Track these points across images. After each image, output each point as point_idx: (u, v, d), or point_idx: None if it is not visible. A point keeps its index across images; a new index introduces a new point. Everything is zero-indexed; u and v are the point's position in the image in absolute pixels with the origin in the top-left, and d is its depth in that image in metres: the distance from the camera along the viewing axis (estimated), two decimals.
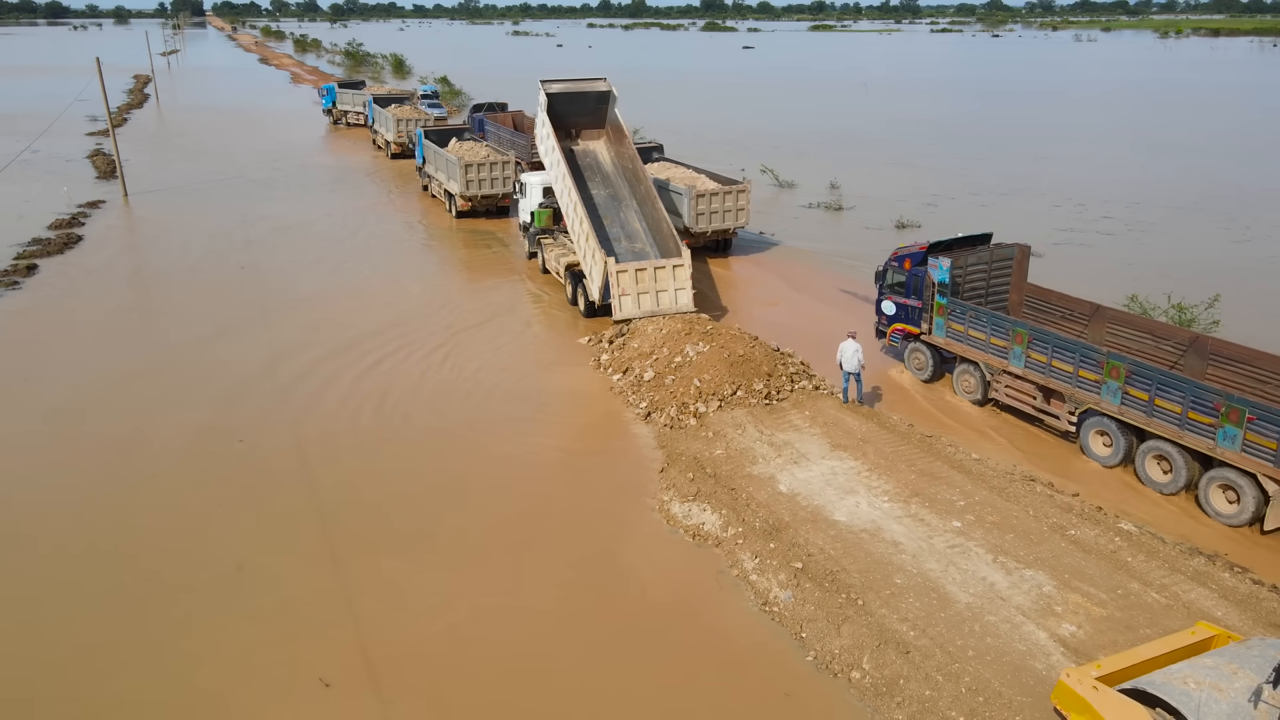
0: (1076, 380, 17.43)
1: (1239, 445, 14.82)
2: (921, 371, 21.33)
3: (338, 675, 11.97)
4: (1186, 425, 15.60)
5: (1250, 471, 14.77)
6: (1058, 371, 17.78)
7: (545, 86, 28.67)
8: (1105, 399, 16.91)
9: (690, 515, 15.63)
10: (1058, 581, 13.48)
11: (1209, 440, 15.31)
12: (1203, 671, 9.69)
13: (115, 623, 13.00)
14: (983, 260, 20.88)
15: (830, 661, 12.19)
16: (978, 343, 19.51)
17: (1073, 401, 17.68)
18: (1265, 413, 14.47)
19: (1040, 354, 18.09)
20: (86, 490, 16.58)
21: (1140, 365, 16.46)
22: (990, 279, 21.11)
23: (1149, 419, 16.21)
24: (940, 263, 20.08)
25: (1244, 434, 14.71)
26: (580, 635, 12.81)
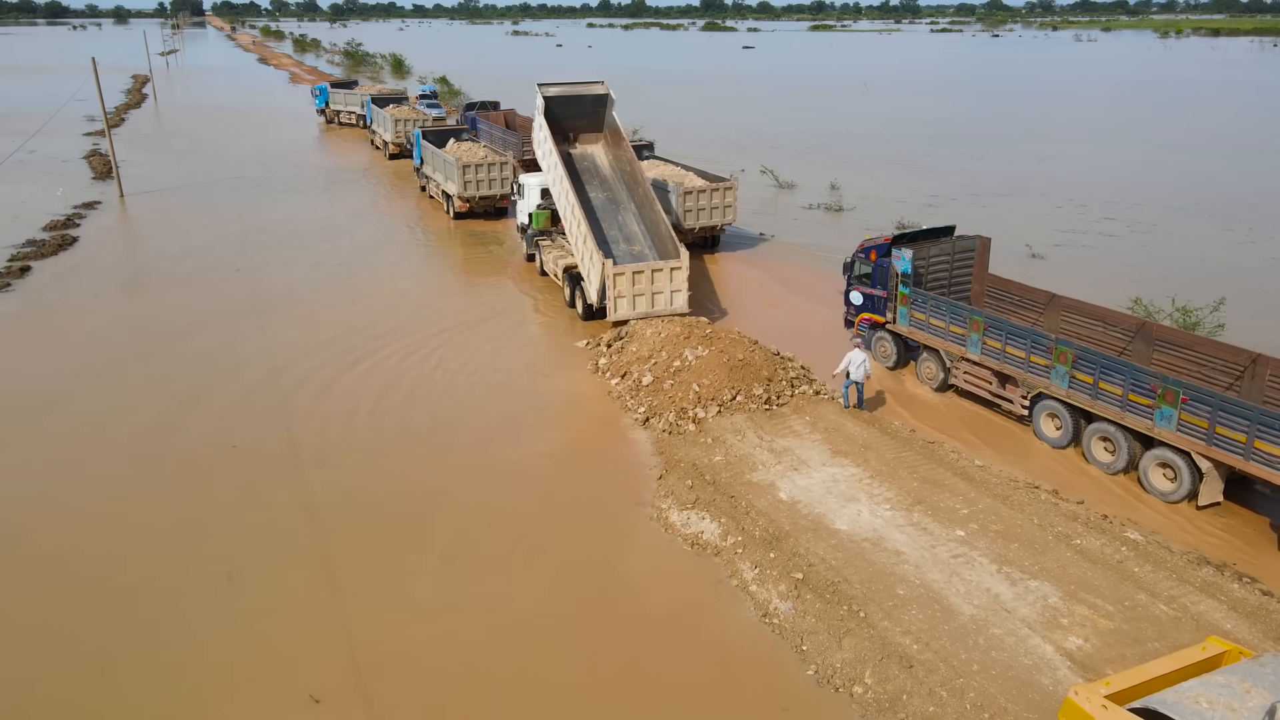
0: (1028, 366, 18.17)
1: (1175, 425, 15.60)
2: (887, 360, 22.09)
3: (328, 691, 11.71)
4: (1128, 407, 16.35)
5: (1185, 450, 15.48)
6: (1011, 357, 18.52)
7: (542, 90, 28.46)
8: (1054, 383, 17.63)
9: (689, 523, 15.36)
10: (1064, 592, 13.22)
11: (1148, 421, 16.05)
12: (1215, 690, 9.42)
13: (102, 634, 12.74)
14: (945, 252, 21.50)
15: (832, 675, 11.92)
16: (938, 331, 20.25)
17: (1025, 386, 18.42)
18: (1197, 394, 15.27)
19: (995, 341, 18.81)
20: (75, 495, 16.31)
21: (1085, 350, 17.18)
22: (953, 270, 21.77)
23: (1094, 401, 16.95)
24: (903, 254, 20.75)
25: (1179, 414, 15.48)
26: (576, 646, 12.54)
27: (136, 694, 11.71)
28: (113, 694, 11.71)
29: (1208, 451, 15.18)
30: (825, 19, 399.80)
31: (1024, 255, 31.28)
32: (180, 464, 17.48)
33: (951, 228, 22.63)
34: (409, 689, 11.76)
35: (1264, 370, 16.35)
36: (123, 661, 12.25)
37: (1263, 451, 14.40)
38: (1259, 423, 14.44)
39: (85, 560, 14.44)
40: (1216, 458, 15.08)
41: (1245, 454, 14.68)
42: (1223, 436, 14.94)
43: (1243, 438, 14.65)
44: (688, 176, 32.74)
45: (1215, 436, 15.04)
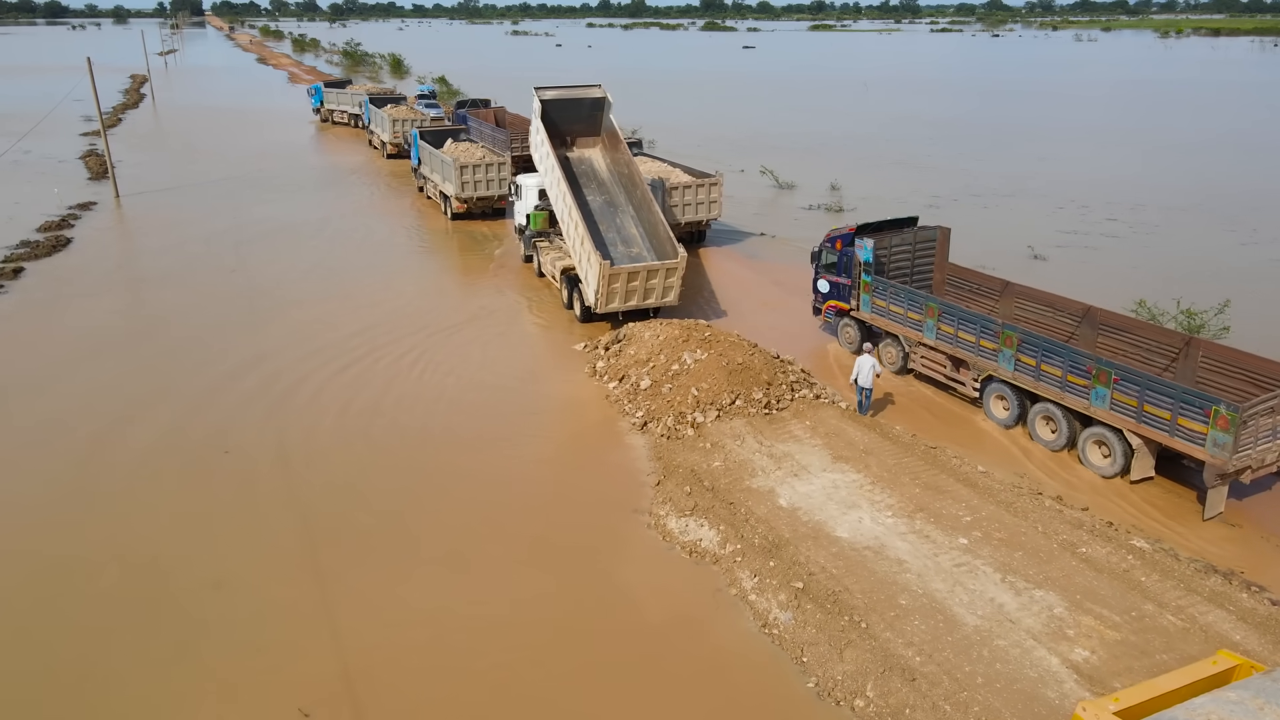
0: (978, 349, 19.00)
1: (1108, 404, 16.39)
2: (851, 345, 22.95)
3: (318, 702, 11.44)
4: (1067, 387, 17.17)
5: (1118, 427, 16.30)
6: (963, 342, 19.37)
7: (539, 93, 28.30)
8: (1002, 365, 18.46)
9: (687, 530, 15.09)
10: (1069, 603, 12.96)
11: (1084, 400, 16.86)
12: (1227, 707, 9.14)
13: (85, 643, 12.47)
14: (907, 241, 22.41)
15: (833, 688, 11.65)
16: (897, 317, 21.06)
17: (976, 369, 19.28)
18: (1128, 374, 16.11)
19: (948, 326, 19.63)
20: (65, 501, 16.04)
21: (1028, 334, 17.98)
22: (915, 259, 22.62)
23: (1037, 382, 17.79)
24: (864, 243, 21.70)
25: (1111, 394, 16.28)
26: (571, 656, 12.28)
27: (119, 706, 11.44)
28: (94, 706, 11.43)
29: (1138, 428, 15.98)
30: (825, 19, 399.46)
31: (1026, 256, 31.04)
32: (170, 470, 17.19)
33: (914, 219, 23.27)
34: (400, 699, 11.49)
35: (1196, 352, 17.27)
36: (106, 671, 11.98)
37: (1185, 427, 15.20)
38: (1181, 400, 15.27)
39: (69, 566, 14.16)
40: (1145, 434, 15.87)
41: (1170, 430, 15.48)
42: (1150, 414, 15.75)
43: (1168, 414, 15.47)
44: (674, 173, 33.19)
45: (1144, 414, 15.85)
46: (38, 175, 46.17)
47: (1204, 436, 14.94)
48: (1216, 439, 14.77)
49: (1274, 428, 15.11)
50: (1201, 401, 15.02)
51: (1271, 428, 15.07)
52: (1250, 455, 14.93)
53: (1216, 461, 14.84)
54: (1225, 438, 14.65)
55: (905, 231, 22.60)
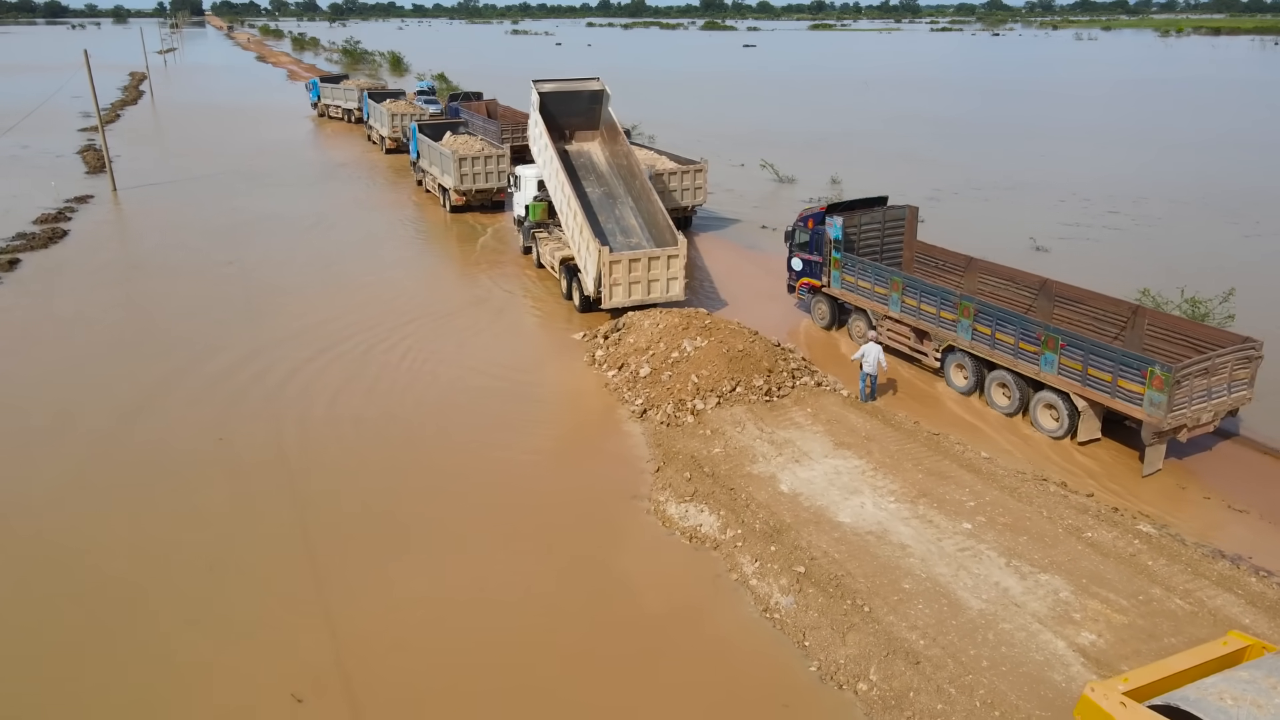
0: (939, 320, 19.76)
1: (1056, 369, 17.18)
2: (823, 320, 23.79)
3: (312, 688, 11.23)
4: (1019, 354, 17.93)
5: (1064, 391, 17.11)
6: (925, 314, 20.11)
7: (537, 86, 28.16)
8: (960, 335, 19.21)
9: (687, 516, 14.89)
10: (1075, 587, 12.76)
11: (1034, 366, 17.63)
12: (1239, 686, 8.95)
13: (79, 627, 12.27)
14: (876, 220, 23.11)
15: (835, 672, 11.46)
16: (864, 292, 21.85)
17: (937, 340, 20.06)
18: (1073, 340, 16.88)
19: (912, 299, 20.37)
20: (60, 486, 15.85)
21: (984, 304, 18.75)
22: (884, 237, 23.38)
23: (992, 350, 18.55)
24: (834, 221, 22.48)
25: (1059, 359, 17.05)
26: (570, 643, 12.08)
27: (112, 689, 11.24)
28: (88, 689, 11.24)
29: (1083, 391, 16.78)
30: (825, 19, 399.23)
31: (1027, 248, 30.83)
32: (164, 456, 17.00)
33: (884, 198, 23.99)
34: (394, 685, 11.30)
35: (1142, 319, 18.19)
36: (99, 653, 11.79)
37: (1125, 389, 16.03)
38: (1120, 363, 16.07)
39: (63, 550, 13.98)
40: (1090, 396, 16.69)
41: (1111, 392, 16.29)
42: (1094, 377, 16.53)
43: (1109, 377, 16.27)
44: (660, 159, 33.60)
45: (1088, 377, 16.63)
46: (35, 170, 45.94)
47: (1141, 397, 15.74)
48: (1153, 398, 15.58)
49: (1208, 389, 15.92)
50: (1138, 363, 15.83)
51: (1206, 388, 15.88)
52: (1185, 414, 15.73)
53: (1153, 420, 15.64)
54: (1160, 397, 15.46)
55: (875, 210, 23.32)
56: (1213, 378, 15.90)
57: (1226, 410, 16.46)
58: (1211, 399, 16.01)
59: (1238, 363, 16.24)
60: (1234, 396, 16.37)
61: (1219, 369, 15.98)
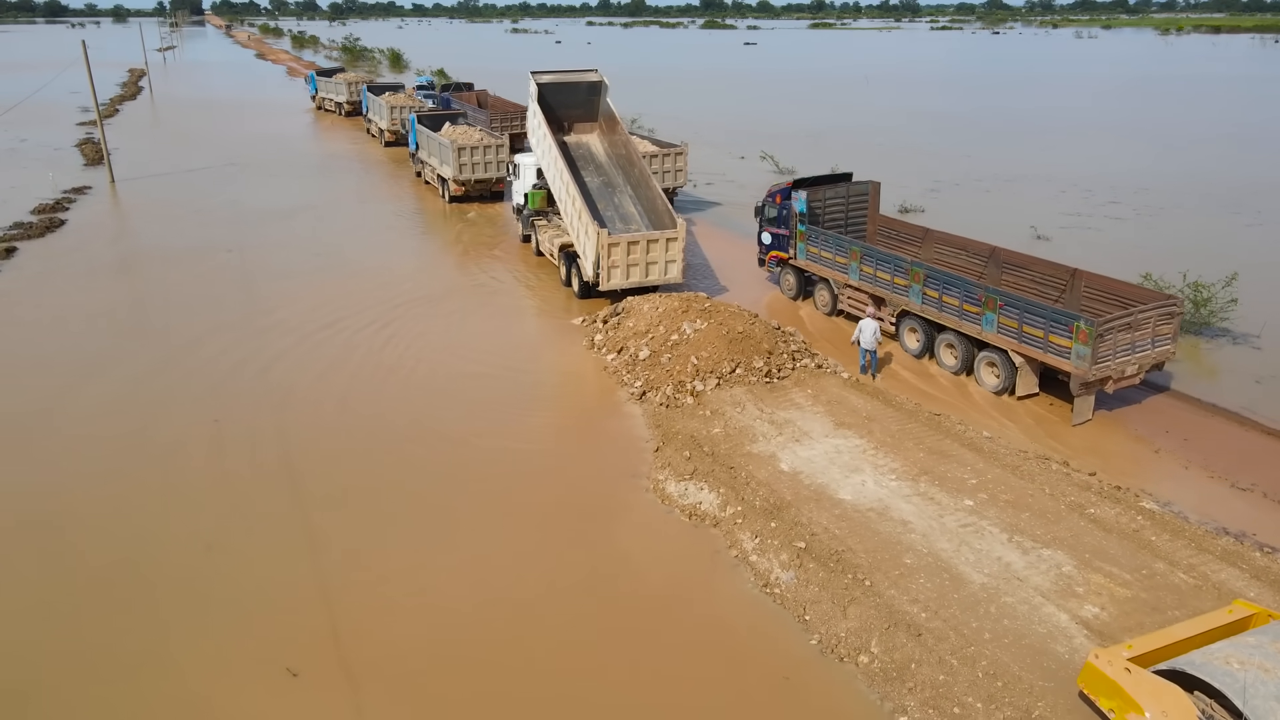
0: (893, 287, 20.75)
1: (995, 328, 18.20)
2: (790, 291, 24.84)
3: (307, 663, 11.10)
4: (964, 316, 18.95)
5: (1003, 348, 18.14)
6: (880, 280, 21.13)
7: (536, 77, 28.09)
8: (912, 300, 20.18)
9: (687, 494, 14.78)
10: (1078, 561, 12.65)
11: (977, 326, 18.66)
12: (1246, 650, 8.86)
13: (78, 606, 12.16)
14: (840, 195, 24.34)
15: (836, 645, 11.35)
16: (827, 262, 22.96)
17: (892, 305, 21.00)
18: (1010, 300, 17.92)
19: (869, 267, 21.45)
20: (54, 470, 15.73)
21: (931, 269, 19.78)
22: (849, 211, 24.58)
23: (940, 313, 19.56)
24: (799, 195, 23.59)
25: (998, 318, 18.06)
26: (569, 618, 11.97)
27: (110, 666, 11.12)
28: (86, 666, 11.12)
29: (1019, 348, 17.82)
30: (825, 18, 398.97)
31: (1029, 237, 30.70)
32: (160, 439, 16.88)
33: (849, 175, 25.37)
34: (391, 660, 11.17)
35: (1080, 282, 19.16)
36: (99, 631, 11.67)
37: (1056, 344, 17.05)
38: (1051, 319, 17.09)
39: (63, 530, 13.86)
40: (1025, 353, 17.73)
41: (1044, 347, 17.31)
42: (1029, 334, 17.56)
43: (1041, 333, 17.29)
44: (642, 144, 34.05)
45: (1024, 335, 17.66)
46: (33, 162, 45.76)
47: (1069, 350, 16.78)
48: (1079, 351, 16.61)
49: (1132, 343, 16.98)
50: (1066, 319, 16.87)
51: (1130, 343, 16.95)
52: (1110, 366, 16.79)
53: (1080, 371, 16.69)
54: (1085, 350, 16.48)
55: (839, 186, 24.55)
56: (1136, 333, 16.94)
57: (1151, 364, 17.54)
58: (1135, 352, 17.06)
59: (1160, 319, 17.25)
60: (1158, 351, 17.42)
61: (1142, 324, 17.00)
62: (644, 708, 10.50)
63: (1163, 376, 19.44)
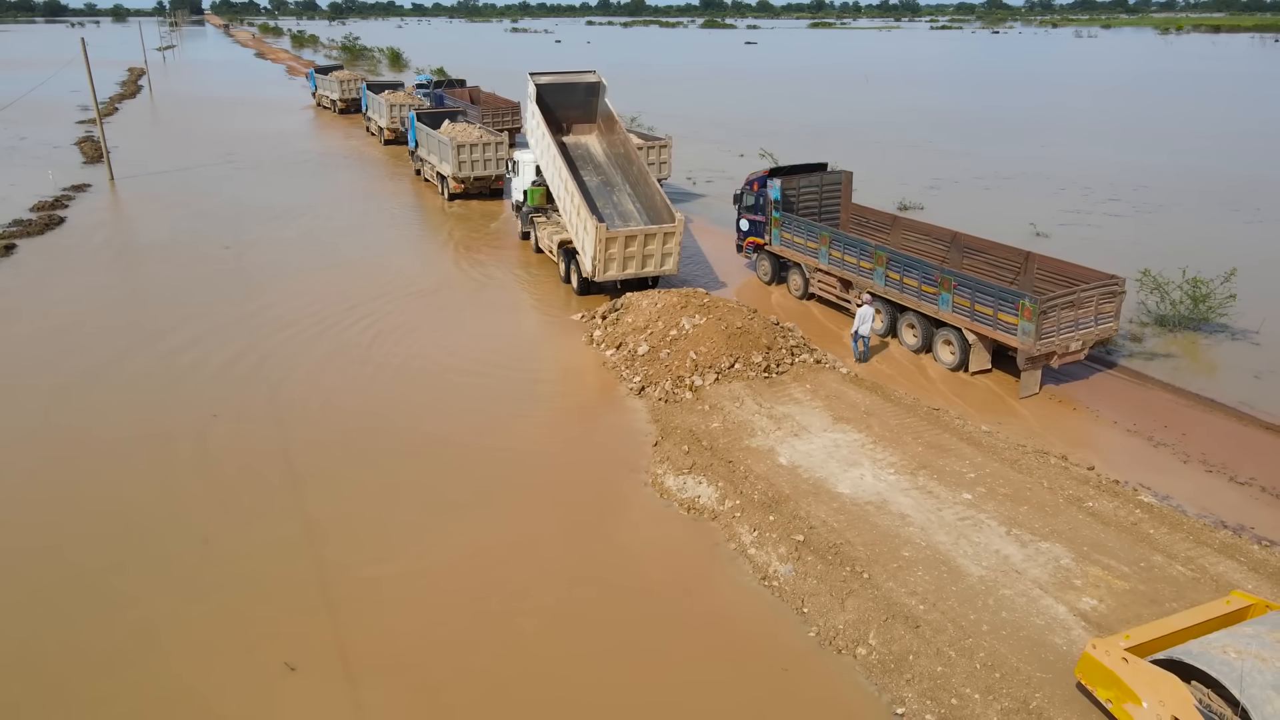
0: (859, 270, 21.69)
1: (950, 307, 19.14)
2: (765, 276, 25.89)
3: (306, 656, 11.09)
4: (923, 296, 19.84)
5: (958, 326, 19.09)
6: (848, 264, 22.12)
7: (534, 78, 28.14)
8: (876, 282, 21.08)
9: (685, 488, 14.78)
10: (1076, 554, 12.65)
11: (934, 305, 19.58)
12: (1244, 640, 8.86)
13: (75, 599, 12.16)
14: (814, 183, 25.36)
15: (834, 637, 11.35)
16: (799, 247, 23.96)
17: (858, 288, 21.87)
18: (964, 280, 18.85)
19: (837, 252, 22.43)
20: (53, 463, 15.72)
21: (894, 253, 20.69)
22: (823, 199, 25.65)
23: (901, 294, 20.45)
24: (774, 184, 24.53)
25: (953, 298, 18.98)
26: (567, 611, 11.96)
27: (106, 662, 11.12)
28: (82, 660, 11.12)
29: (972, 325, 18.77)
30: (825, 17, 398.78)
31: (1028, 234, 30.69)
32: (159, 433, 16.87)
33: (824, 164, 26.25)
34: (390, 656, 11.16)
35: (1033, 264, 20.22)
36: (94, 629, 11.66)
37: (1004, 321, 17.99)
38: (999, 298, 18.04)
39: (56, 528, 13.86)
40: (978, 330, 18.68)
41: (993, 324, 18.25)
42: (980, 312, 18.48)
43: (991, 311, 18.23)
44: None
45: (976, 313, 18.60)
46: (33, 160, 45.75)
47: (1016, 327, 17.71)
48: (1024, 328, 17.56)
49: (1075, 320, 17.93)
50: (1013, 297, 17.80)
51: (1073, 320, 17.91)
52: (1054, 342, 17.75)
53: (1025, 347, 17.64)
54: (1030, 326, 17.42)
55: (813, 175, 25.51)
56: (1079, 310, 17.93)
57: (1095, 340, 18.49)
58: (1079, 329, 18.01)
59: (1103, 297, 18.22)
60: (1101, 328, 18.37)
61: (1085, 302, 17.97)
62: (643, 700, 10.50)
63: (1161, 371, 19.46)
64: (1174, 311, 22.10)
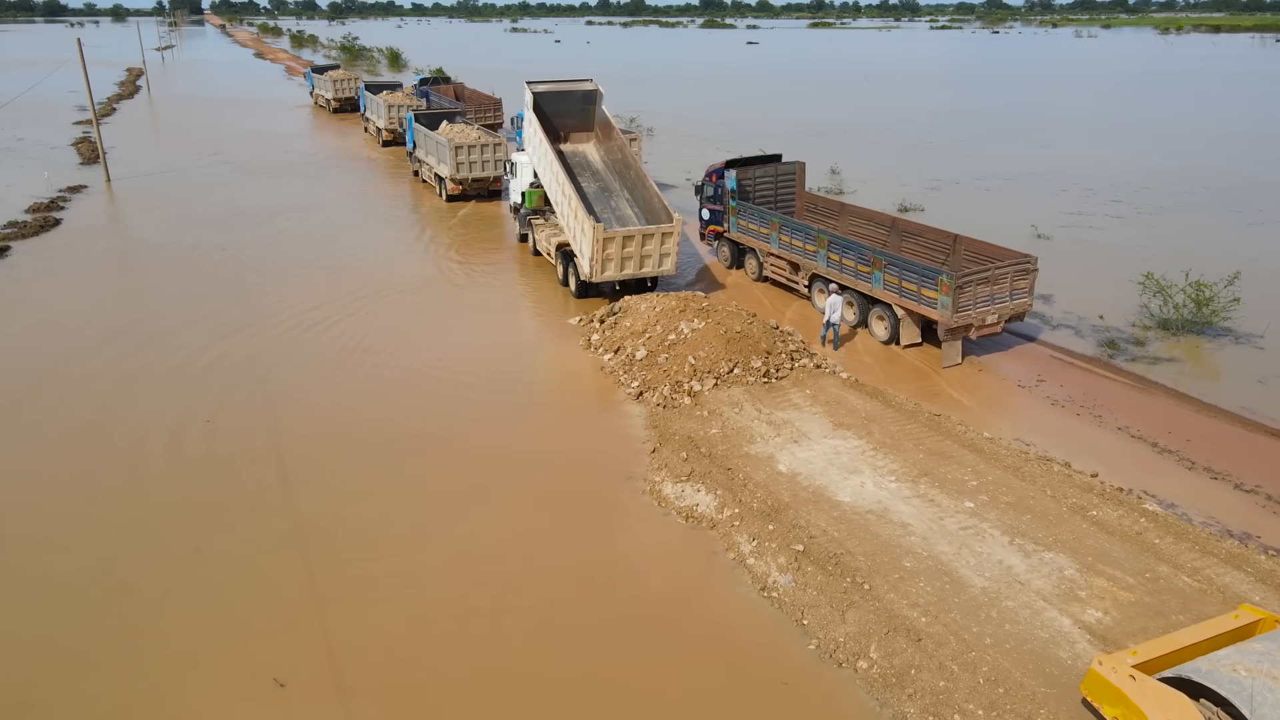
0: (804, 253, 23.37)
1: (882, 285, 20.71)
2: (725, 261, 27.56)
3: (296, 673, 10.88)
4: (859, 276, 21.43)
5: (888, 302, 20.68)
6: (795, 248, 23.73)
7: (531, 87, 28.01)
8: (819, 264, 22.79)
9: (683, 496, 14.58)
10: (1080, 565, 12.45)
11: (869, 284, 21.15)
12: (1253, 658, 8.66)
13: (63, 610, 11.96)
14: (769, 174, 27.09)
15: (835, 650, 11.15)
16: (754, 234, 25.57)
17: (804, 269, 23.58)
18: (893, 260, 20.47)
19: (786, 236, 24.00)
20: (42, 470, 15.52)
21: (834, 236, 22.32)
22: (778, 189, 27.33)
23: (841, 274, 22.00)
24: (730, 174, 26.20)
25: (884, 276, 20.55)
26: (564, 623, 11.77)
27: (96, 674, 10.92)
28: (71, 673, 10.92)
29: (901, 301, 20.31)
30: (824, 17, 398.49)
31: (1029, 236, 30.50)
32: (149, 439, 16.67)
33: (779, 155, 27.94)
34: (383, 670, 10.96)
35: (961, 246, 21.92)
36: (83, 640, 11.46)
37: (927, 296, 19.54)
38: (922, 275, 19.65)
39: (44, 537, 13.65)
40: (906, 305, 20.22)
41: (918, 300, 19.79)
42: (908, 289, 20.02)
43: (916, 287, 19.76)
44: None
45: (904, 290, 20.14)
46: (29, 161, 45.55)
47: (936, 301, 19.26)
48: (943, 302, 19.13)
49: (991, 295, 19.55)
50: (933, 273, 19.37)
51: (989, 295, 19.52)
52: (971, 315, 19.35)
53: (944, 319, 19.24)
54: (947, 300, 18.99)
55: (768, 166, 27.17)
56: (994, 286, 19.52)
57: (1010, 314, 20.04)
58: (994, 304, 19.64)
59: (1017, 274, 19.82)
60: (1015, 303, 20.02)
61: (999, 279, 19.56)
62: (639, 713, 10.30)
63: (1164, 376, 19.28)
64: (1177, 315, 21.91)
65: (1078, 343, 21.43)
